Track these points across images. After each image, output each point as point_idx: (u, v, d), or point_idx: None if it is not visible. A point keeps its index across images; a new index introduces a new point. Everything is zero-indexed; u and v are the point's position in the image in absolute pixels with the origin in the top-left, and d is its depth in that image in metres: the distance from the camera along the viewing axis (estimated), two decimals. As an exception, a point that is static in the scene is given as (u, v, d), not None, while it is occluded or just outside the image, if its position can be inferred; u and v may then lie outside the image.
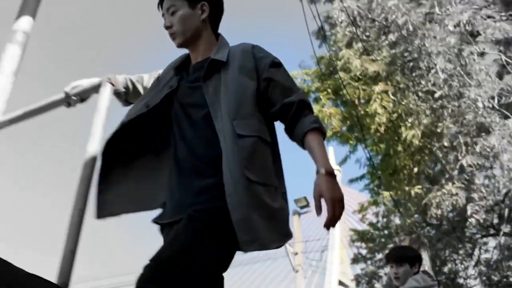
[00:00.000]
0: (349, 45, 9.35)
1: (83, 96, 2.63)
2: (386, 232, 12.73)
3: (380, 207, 12.67)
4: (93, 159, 2.23)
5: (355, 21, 9.07)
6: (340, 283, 36.69)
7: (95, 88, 2.62)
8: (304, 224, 29.81)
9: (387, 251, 11.60)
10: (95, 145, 2.27)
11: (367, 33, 9.35)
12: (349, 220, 36.34)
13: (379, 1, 8.81)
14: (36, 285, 1.59)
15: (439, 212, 8.09)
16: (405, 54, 8.62)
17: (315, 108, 9.15)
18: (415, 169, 8.62)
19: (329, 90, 9.44)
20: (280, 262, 31.64)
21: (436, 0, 8.64)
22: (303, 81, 10.13)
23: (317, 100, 10.06)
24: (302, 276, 22.56)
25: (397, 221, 11.94)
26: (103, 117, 2.42)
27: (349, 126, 9.21)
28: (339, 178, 44.76)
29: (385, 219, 12.55)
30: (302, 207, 24.81)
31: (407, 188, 8.51)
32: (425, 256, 8.16)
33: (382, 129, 8.25)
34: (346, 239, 38.68)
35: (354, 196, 29.67)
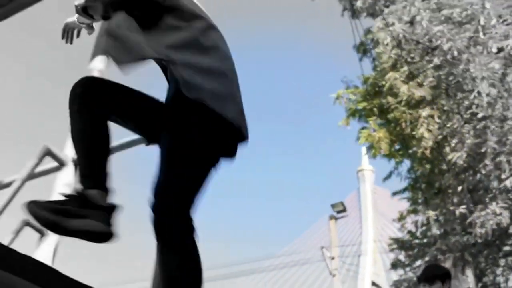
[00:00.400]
0: (393, 67, 9.69)
1: None
2: (425, 240, 12.96)
3: (419, 215, 12.90)
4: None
5: (400, 44, 9.41)
6: (373, 284, 36.74)
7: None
8: (339, 228, 30.02)
9: (426, 258, 11.84)
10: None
11: (412, 55, 9.68)
12: (388, 227, 36.39)
13: (424, 25, 9.14)
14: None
15: (483, 231, 8.39)
16: (450, 78, 8.94)
17: (365, 131, 9.55)
18: (459, 188, 8.93)
19: (375, 110, 9.81)
20: (317, 266, 31.89)
21: (479, 25, 8.92)
22: (348, 100, 10.50)
23: (361, 115, 10.44)
24: (339, 280, 22.96)
25: (435, 230, 12.19)
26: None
27: (396, 148, 9.56)
28: (372, 178, 44.11)
29: (424, 228, 12.79)
30: (338, 212, 25.20)
31: (452, 208, 8.83)
32: (469, 273, 8.51)
33: (428, 152, 8.60)
34: (380, 241, 38.83)
35: (393, 204, 29.75)
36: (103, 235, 1.83)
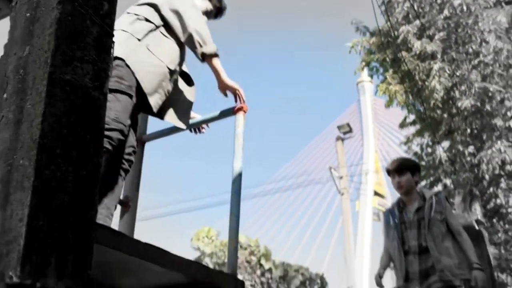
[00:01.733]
0: (405, 18, 10.37)
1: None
2: (430, 162, 14.00)
3: (424, 138, 13.80)
4: (239, 175, 2.90)
5: (412, -3, 10.05)
6: (376, 193, 38.42)
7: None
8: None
9: (430, 180, 12.85)
10: (239, 164, 2.92)
11: (422, 5, 10.34)
12: (388, 136, 37.56)
13: (435, -20, 9.77)
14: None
15: (489, 167, 9.45)
16: (459, 30, 9.70)
17: (382, 85, 10.40)
18: (468, 130, 9.92)
19: (388, 59, 10.60)
20: (327, 186, 33.42)
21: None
22: (363, 48, 11.23)
23: (375, 69, 11.28)
24: (348, 199, 24.46)
25: (440, 151, 13.18)
26: (241, 141, 3.18)
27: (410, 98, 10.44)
28: (371, 90, 44.04)
29: (429, 149, 13.66)
30: (345, 133, 26.36)
31: (461, 148, 9.85)
32: (477, 207, 9.65)
33: (439, 102, 9.50)
34: (381, 151, 40.05)
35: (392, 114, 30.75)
36: None
